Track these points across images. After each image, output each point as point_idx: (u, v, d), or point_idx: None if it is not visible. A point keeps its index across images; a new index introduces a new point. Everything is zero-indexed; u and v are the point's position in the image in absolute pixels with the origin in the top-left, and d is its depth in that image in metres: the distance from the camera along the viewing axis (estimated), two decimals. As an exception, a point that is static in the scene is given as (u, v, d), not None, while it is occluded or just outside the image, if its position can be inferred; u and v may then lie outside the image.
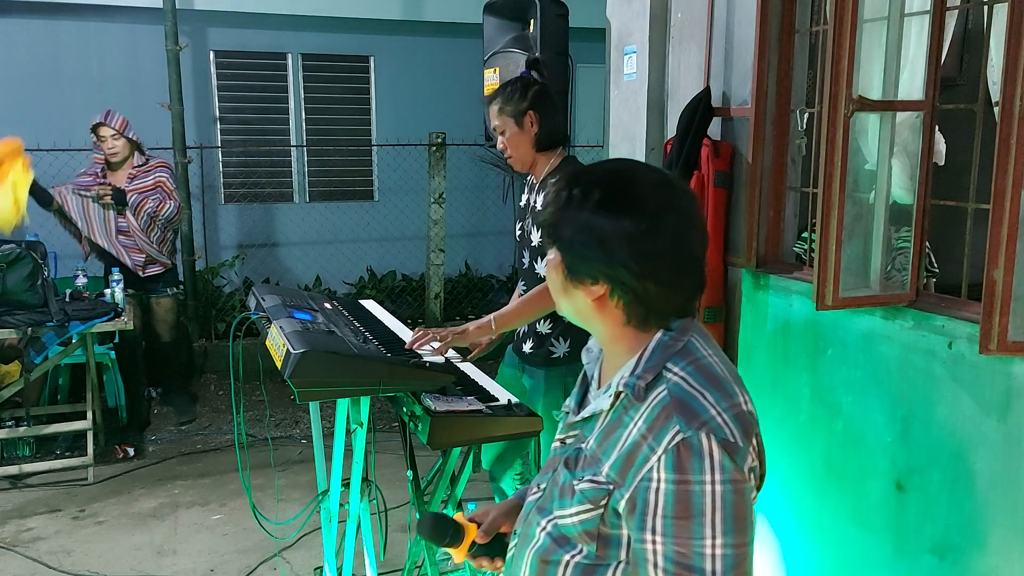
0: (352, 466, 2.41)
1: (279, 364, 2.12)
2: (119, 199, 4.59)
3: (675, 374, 1.17)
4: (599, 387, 1.33)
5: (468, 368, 2.57)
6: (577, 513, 1.22)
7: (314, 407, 2.87)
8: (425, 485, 2.65)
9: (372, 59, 7.16)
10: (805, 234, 2.82)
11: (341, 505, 2.50)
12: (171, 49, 5.69)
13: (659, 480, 1.12)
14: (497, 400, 2.30)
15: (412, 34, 7.11)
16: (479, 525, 1.46)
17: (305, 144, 7.03)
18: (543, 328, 2.72)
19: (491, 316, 2.65)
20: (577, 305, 1.26)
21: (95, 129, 4.64)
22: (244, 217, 6.94)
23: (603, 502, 1.18)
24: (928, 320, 2.16)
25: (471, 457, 2.44)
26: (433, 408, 2.13)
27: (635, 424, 1.17)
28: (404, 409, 2.30)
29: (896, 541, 2.29)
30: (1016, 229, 1.85)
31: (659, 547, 1.13)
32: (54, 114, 6.18)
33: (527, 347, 2.78)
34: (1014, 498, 1.96)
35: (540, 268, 2.72)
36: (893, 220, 2.35)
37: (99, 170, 4.72)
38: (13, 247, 4.08)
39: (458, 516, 1.46)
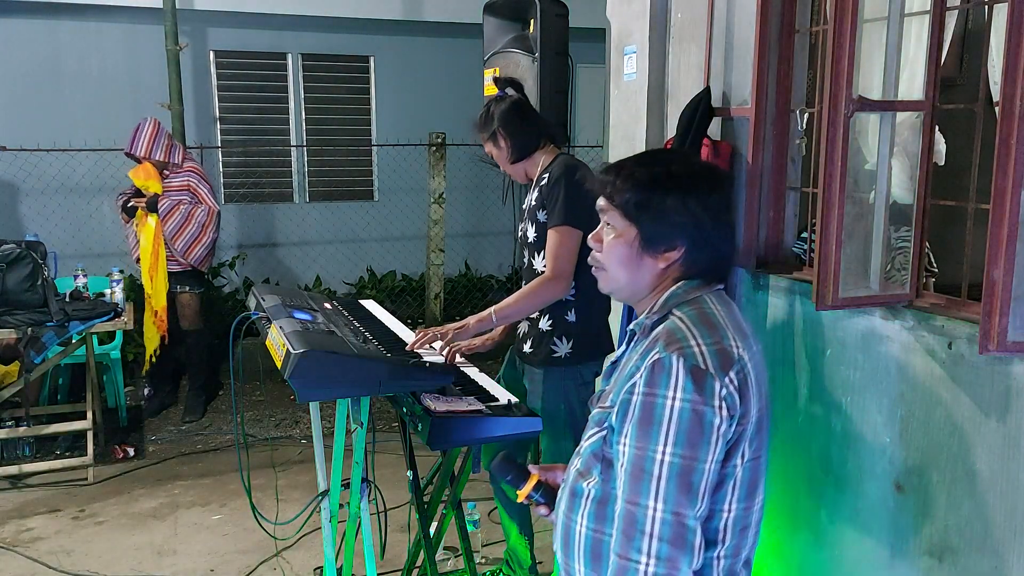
0: (352, 466, 2.41)
1: (279, 364, 2.12)
2: (152, 205, 4.84)
3: (676, 315, 1.39)
4: None
5: (468, 368, 2.57)
6: (589, 438, 1.43)
7: (314, 407, 2.87)
8: (425, 485, 2.65)
9: (372, 59, 7.16)
10: (805, 234, 2.82)
11: (341, 505, 2.50)
12: (171, 49, 5.69)
13: (637, 393, 1.31)
14: (497, 400, 2.30)
15: (412, 34, 7.11)
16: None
17: (305, 144, 7.03)
18: (544, 325, 2.72)
19: (491, 309, 2.65)
20: (641, 272, 1.45)
21: (128, 154, 4.95)
22: (244, 217, 6.94)
23: (606, 424, 1.38)
24: (928, 320, 2.16)
25: (471, 457, 2.44)
26: (433, 408, 2.13)
27: (636, 355, 1.38)
28: (404, 409, 2.30)
29: (894, 542, 2.29)
30: (1016, 229, 1.85)
31: (626, 448, 1.31)
32: (54, 114, 6.18)
33: (527, 347, 2.78)
34: (1013, 499, 1.96)
35: (539, 264, 2.74)
36: (893, 220, 2.35)
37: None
38: (13, 247, 4.08)
39: (531, 467, 1.63)
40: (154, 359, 5.02)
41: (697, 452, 1.26)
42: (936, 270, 3.15)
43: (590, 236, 1.51)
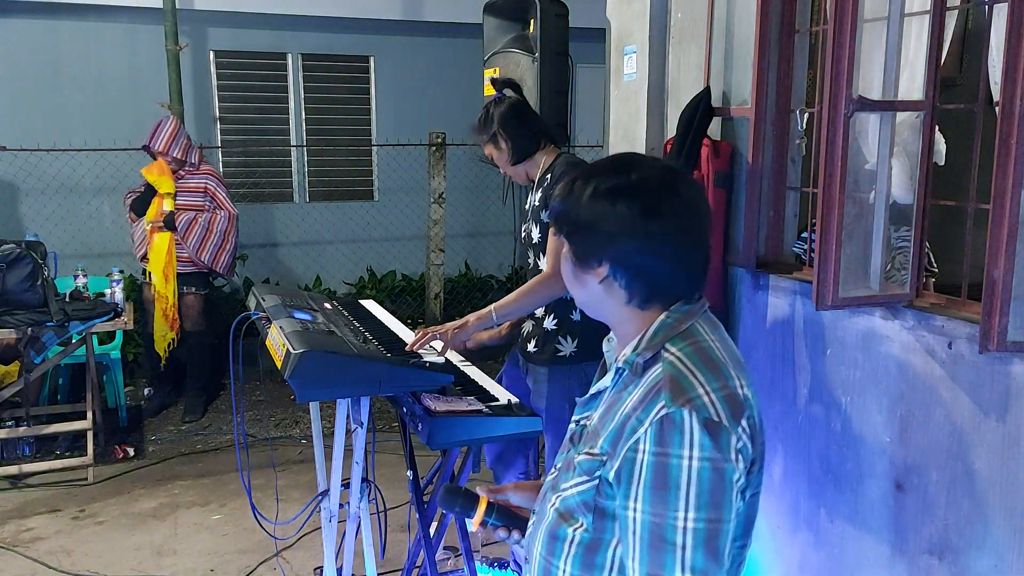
0: (352, 466, 2.41)
1: (279, 364, 2.12)
2: (169, 224, 4.82)
3: (672, 354, 1.24)
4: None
5: (468, 368, 2.58)
6: (575, 485, 1.28)
7: (314, 407, 2.87)
8: (425, 485, 2.65)
9: (372, 59, 7.16)
10: (805, 234, 2.82)
11: (341, 505, 2.50)
12: (171, 49, 5.70)
13: (643, 451, 1.17)
14: (497, 400, 2.30)
15: (412, 34, 7.11)
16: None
17: (305, 144, 7.03)
18: (549, 324, 2.73)
19: (491, 306, 2.66)
20: (589, 291, 1.32)
21: (145, 148, 4.93)
22: (244, 217, 6.90)
23: (597, 473, 1.24)
24: (928, 320, 2.16)
25: (471, 457, 2.44)
26: (433, 408, 2.13)
27: (631, 399, 1.23)
28: (404, 409, 2.30)
29: (894, 541, 2.29)
30: (1016, 229, 1.85)
31: (638, 515, 1.18)
32: (54, 114, 6.18)
33: (531, 346, 2.79)
34: (1012, 498, 1.96)
35: (544, 265, 2.74)
36: (893, 220, 2.35)
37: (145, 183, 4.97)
38: (13, 247, 4.09)
39: (478, 490, 1.51)
40: (166, 356, 5.01)
41: (722, 513, 1.16)
42: (936, 270, 3.15)
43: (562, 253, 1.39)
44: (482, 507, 1.48)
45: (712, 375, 1.21)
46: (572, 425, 1.43)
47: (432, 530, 2.53)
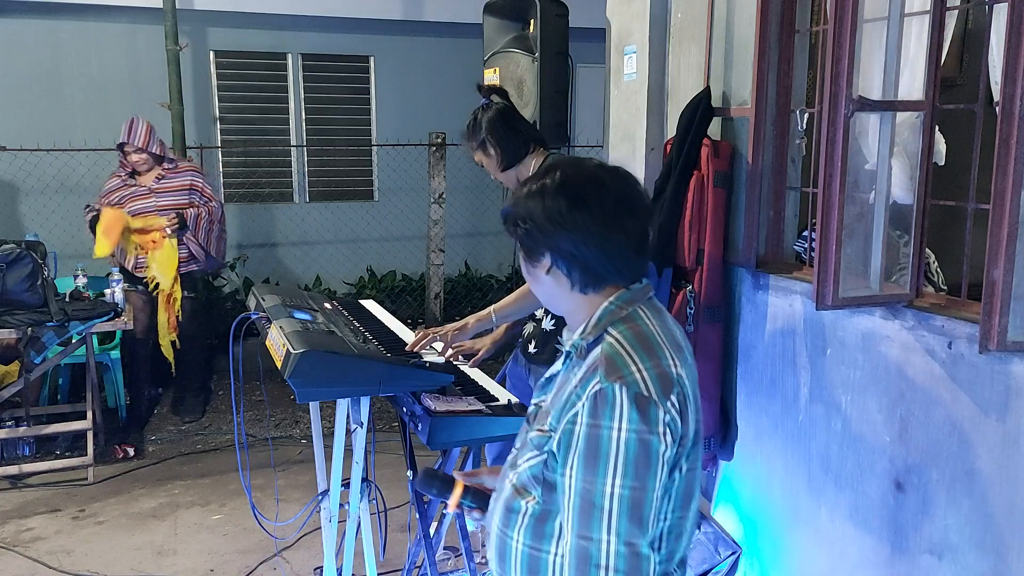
0: (352, 466, 2.41)
1: (279, 364, 2.12)
2: (183, 224, 4.74)
3: (612, 336, 1.35)
4: None
5: (468, 368, 2.58)
6: (528, 459, 1.39)
7: (314, 407, 2.87)
8: (425, 485, 2.65)
9: (372, 59, 7.16)
10: (805, 234, 2.83)
11: (341, 505, 2.50)
12: (171, 49, 5.69)
13: (579, 424, 1.28)
14: (497, 400, 2.30)
15: (412, 34, 7.11)
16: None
17: (305, 144, 7.03)
18: (547, 325, 2.74)
19: (491, 308, 2.66)
20: (542, 284, 1.43)
21: (120, 147, 4.79)
22: (244, 217, 6.93)
23: (546, 448, 1.35)
24: (928, 320, 2.16)
25: (471, 457, 2.44)
26: (433, 408, 2.13)
27: (575, 378, 1.35)
28: (404, 409, 2.30)
29: (894, 540, 2.29)
30: (1016, 229, 1.85)
31: (573, 482, 1.29)
32: (54, 114, 6.18)
33: (532, 347, 2.79)
34: (1012, 497, 1.96)
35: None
36: (893, 220, 2.35)
37: (125, 174, 4.84)
38: (13, 247, 4.08)
39: (455, 474, 1.62)
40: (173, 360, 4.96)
41: (646, 482, 1.25)
42: (938, 280, 3.12)
43: None
44: (458, 490, 1.56)
45: (646, 355, 1.31)
46: (531, 407, 1.52)
47: (432, 530, 2.53)
